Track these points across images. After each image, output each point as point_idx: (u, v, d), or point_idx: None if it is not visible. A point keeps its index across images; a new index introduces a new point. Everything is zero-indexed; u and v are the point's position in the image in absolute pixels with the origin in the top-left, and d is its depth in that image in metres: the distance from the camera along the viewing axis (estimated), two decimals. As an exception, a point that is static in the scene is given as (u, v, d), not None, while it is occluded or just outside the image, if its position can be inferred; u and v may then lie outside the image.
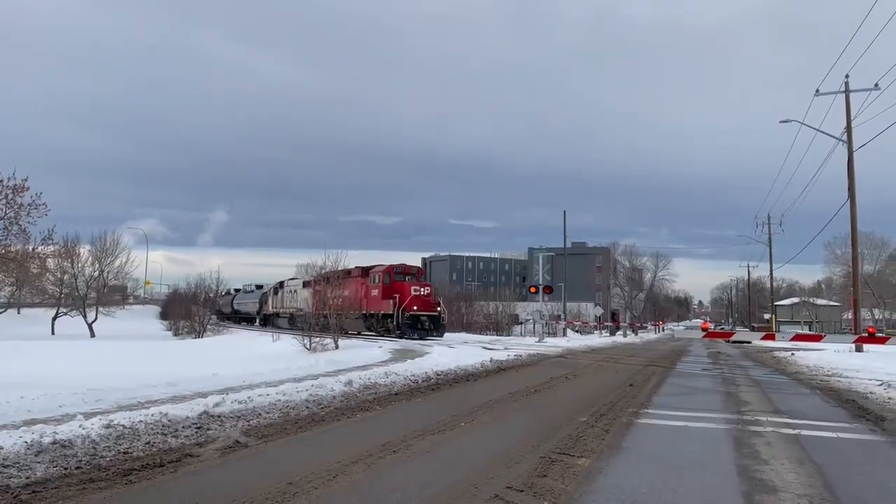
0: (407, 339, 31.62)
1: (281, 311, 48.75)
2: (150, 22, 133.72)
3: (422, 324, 33.57)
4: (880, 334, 16.38)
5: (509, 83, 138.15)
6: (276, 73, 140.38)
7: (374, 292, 36.04)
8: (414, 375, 13.74)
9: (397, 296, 33.93)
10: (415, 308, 33.51)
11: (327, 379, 12.14)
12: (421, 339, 31.67)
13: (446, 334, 37.13)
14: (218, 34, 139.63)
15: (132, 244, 68.74)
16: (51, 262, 50.97)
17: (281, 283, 51.55)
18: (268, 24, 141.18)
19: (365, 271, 37.74)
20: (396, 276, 35.87)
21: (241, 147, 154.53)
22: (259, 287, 66.10)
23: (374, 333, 35.77)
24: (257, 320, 62.92)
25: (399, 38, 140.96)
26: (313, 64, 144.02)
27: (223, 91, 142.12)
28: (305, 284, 40.75)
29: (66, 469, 5.89)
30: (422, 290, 34.79)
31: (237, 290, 73.50)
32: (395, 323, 33.90)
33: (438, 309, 35.21)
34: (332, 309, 29.10)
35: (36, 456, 6.14)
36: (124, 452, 6.52)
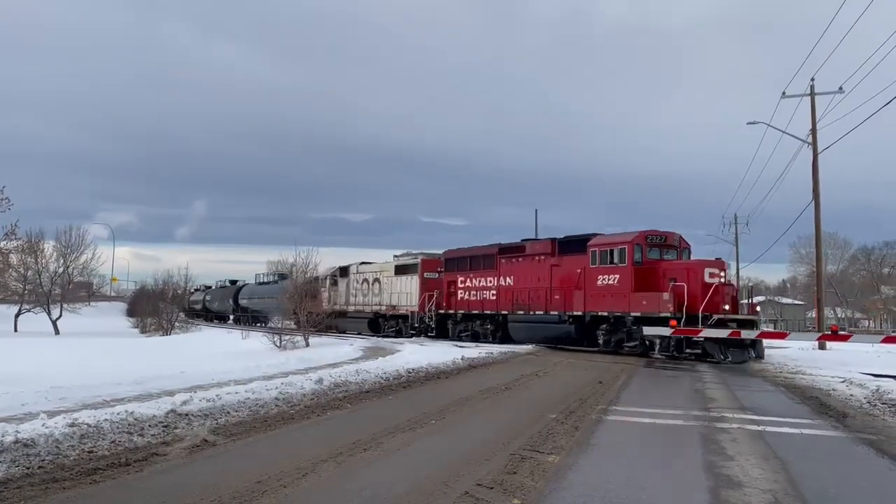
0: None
1: (350, 307, 37.22)
2: (118, 13, 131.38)
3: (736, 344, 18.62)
4: (843, 332, 16.75)
5: (481, 81, 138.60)
6: (246, 68, 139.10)
7: (608, 279, 21.70)
8: (385, 373, 13.70)
9: (685, 285, 19.35)
10: (724, 309, 19.37)
11: (297, 377, 12.06)
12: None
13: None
14: (188, 27, 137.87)
15: (98, 240, 67.36)
16: (13, 258, 49.83)
17: (343, 270, 38.95)
18: (239, 17, 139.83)
19: (573, 244, 23.78)
20: (651, 252, 21.60)
21: (211, 142, 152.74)
22: (233, 282, 62.96)
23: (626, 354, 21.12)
24: (231, 318, 60.17)
25: (372, 35, 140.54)
26: (284, 59, 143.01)
27: (193, 85, 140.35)
28: (404, 270, 33.00)
29: (28, 469, 5.77)
30: (720, 273, 20.16)
31: (207, 287, 71.05)
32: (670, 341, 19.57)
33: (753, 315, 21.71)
34: (523, 305, 23.91)
35: (-3, 456, 6.01)
36: (89, 452, 6.41)
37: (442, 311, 29.86)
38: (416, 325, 31.04)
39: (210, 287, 70.24)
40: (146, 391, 10.76)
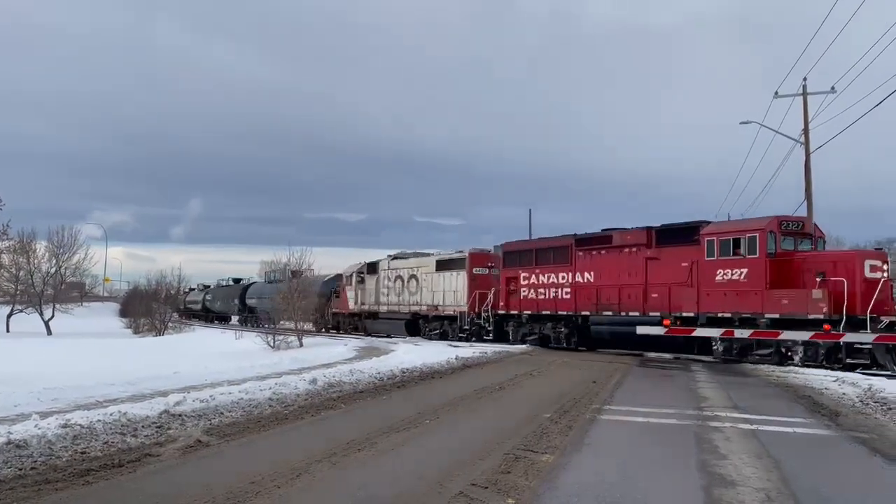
0: None
1: (382, 308, 33.17)
2: (115, 13, 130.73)
3: None
4: (834, 332, 16.81)
5: (474, 81, 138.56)
6: (242, 68, 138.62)
7: (732, 274, 18.27)
8: (379, 373, 13.69)
9: (844, 281, 16.28)
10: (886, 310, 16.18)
11: (291, 377, 12.05)
12: None
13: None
14: (185, 27, 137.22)
15: (91, 240, 67.12)
16: (5, 258, 49.71)
17: (371, 266, 34.78)
18: (235, 17, 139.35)
19: (676, 234, 20.26)
20: (785, 241, 18.41)
21: (206, 142, 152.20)
22: (237, 281, 58.66)
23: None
24: (233, 319, 55.65)
25: (366, 35, 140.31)
26: (280, 59, 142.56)
27: (189, 85, 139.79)
28: (448, 266, 29.35)
29: (20, 470, 5.74)
30: (883, 267, 16.88)
31: (206, 286, 67.45)
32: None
33: None
34: (609, 305, 21.04)
35: (-11, 457, 5.98)
36: (81, 452, 6.39)
37: (502, 312, 25.78)
38: (467, 326, 27.41)
39: (209, 286, 67.10)
40: (139, 392, 10.74)
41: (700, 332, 18.88)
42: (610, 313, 21.51)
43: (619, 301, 21.31)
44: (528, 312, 24.71)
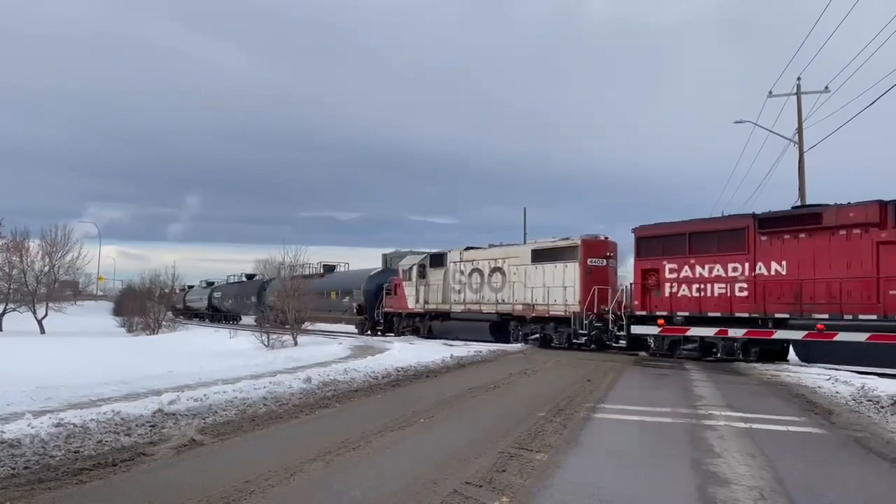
0: None
1: (455, 307, 28.21)
2: (113, 12, 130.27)
3: None
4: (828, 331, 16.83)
5: (468, 80, 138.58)
6: (233, 67, 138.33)
7: None
8: (374, 372, 13.69)
9: None
10: None
11: (286, 376, 12.03)
12: None
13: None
14: (177, 26, 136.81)
15: (85, 239, 66.79)
16: (-2, 257, 49.41)
17: (436, 258, 29.70)
18: (228, 17, 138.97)
19: None
20: None
21: (198, 141, 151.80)
22: (250, 277, 53.31)
23: None
24: (245, 318, 49.67)
25: (358, 34, 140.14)
26: (272, 59, 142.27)
27: (180, 84, 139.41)
28: (550, 256, 24.16)
29: (13, 469, 5.72)
30: None
31: (210, 283, 63.29)
32: None
33: None
34: (820, 304, 16.47)
35: (-19, 456, 5.96)
36: (75, 452, 6.37)
37: (643, 313, 20.50)
38: (584, 331, 22.28)
39: (213, 283, 63.03)
40: (133, 391, 10.71)
41: (694, 331, 18.93)
42: (825, 316, 16.54)
43: (841, 299, 16.39)
44: (684, 314, 19.43)
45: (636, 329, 20.57)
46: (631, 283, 21.76)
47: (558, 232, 25.54)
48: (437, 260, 29.59)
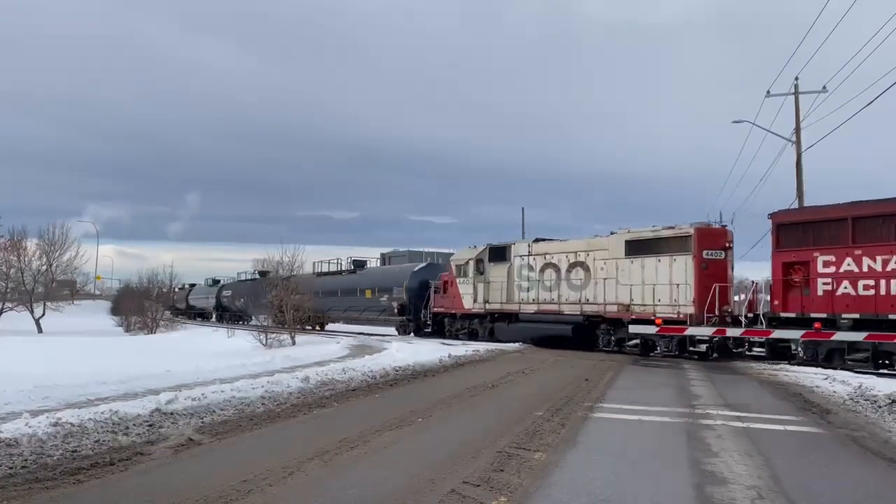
0: None
1: (523, 307, 24.60)
2: (112, 12, 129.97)
3: None
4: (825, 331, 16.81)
5: (467, 80, 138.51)
6: (231, 67, 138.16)
7: None
8: (372, 371, 13.69)
9: None
10: None
11: (283, 375, 12.03)
12: None
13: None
14: (175, 26, 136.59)
15: (82, 238, 66.59)
16: (-5, 256, 49.35)
17: (497, 251, 26.30)
18: (226, 16, 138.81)
19: None
20: None
21: (196, 141, 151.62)
22: (263, 274, 43.07)
23: None
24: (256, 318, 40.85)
25: (355, 33, 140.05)
26: (271, 59, 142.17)
27: (178, 84, 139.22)
28: (651, 248, 20.61)
29: (10, 468, 5.71)
30: None
31: (216, 282, 60.11)
32: None
33: None
34: None
35: (-21, 456, 5.95)
36: (72, 451, 6.36)
37: (789, 314, 17.21)
38: (706, 336, 18.83)
39: (219, 281, 59.92)
40: (131, 390, 10.70)
41: (692, 331, 18.93)
42: None
43: None
44: (852, 316, 15.96)
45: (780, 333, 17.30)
46: (763, 280, 18.40)
47: (558, 232, 25.11)
48: (499, 253, 26.17)
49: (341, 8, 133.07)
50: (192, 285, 67.25)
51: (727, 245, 19.93)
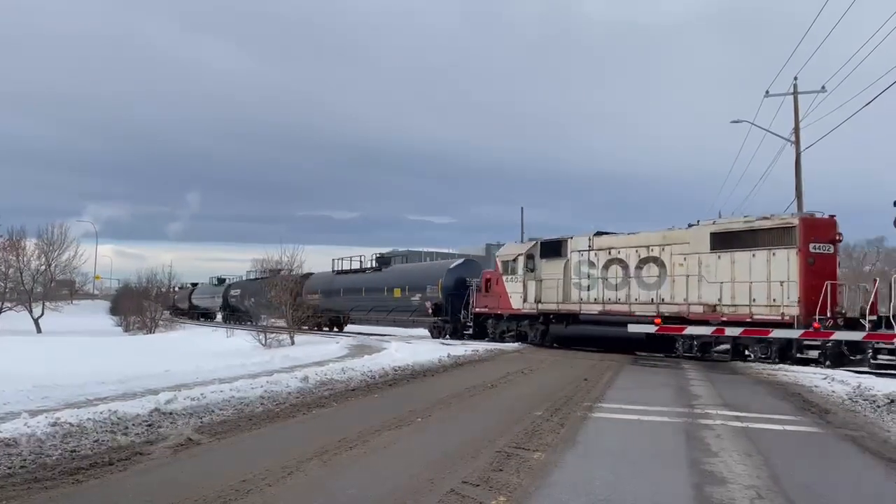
0: None
1: (585, 307, 22.30)
2: (111, 12, 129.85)
3: None
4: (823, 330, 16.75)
5: (466, 80, 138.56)
6: (231, 67, 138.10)
7: None
8: (371, 371, 13.69)
9: None
10: None
11: (283, 375, 12.02)
12: None
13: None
14: (175, 26, 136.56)
15: (81, 238, 66.54)
16: (-6, 256, 49.36)
17: (550, 246, 24.08)
18: (226, 16, 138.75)
19: None
20: None
21: (196, 141, 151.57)
22: (275, 272, 37.47)
23: None
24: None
25: (355, 33, 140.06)
26: (270, 59, 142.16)
27: (178, 84, 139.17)
28: (745, 241, 18.41)
29: (9, 468, 5.71)
30: None
31: (221, 280, 57.92)
32: None
33: None
34: None
35: (-23, 456, 5.94)
36: (71, 451, 6.36)
37: None
38: (818, 341, 16.59)
39: (224, 280, 57.64)
40: (130, 390, 10.69)
41: (691, 330, 18.91)
42: None
43: None
44: None
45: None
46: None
47: (557, 231, 24.51)
48: (552, 249, 24.01)
49: (341, 8, 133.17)
50: (195, 284, 66.72)
51: (836, 237, 17.87)
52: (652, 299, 20.41)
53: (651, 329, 19.59)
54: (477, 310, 26.86)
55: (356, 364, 14.52)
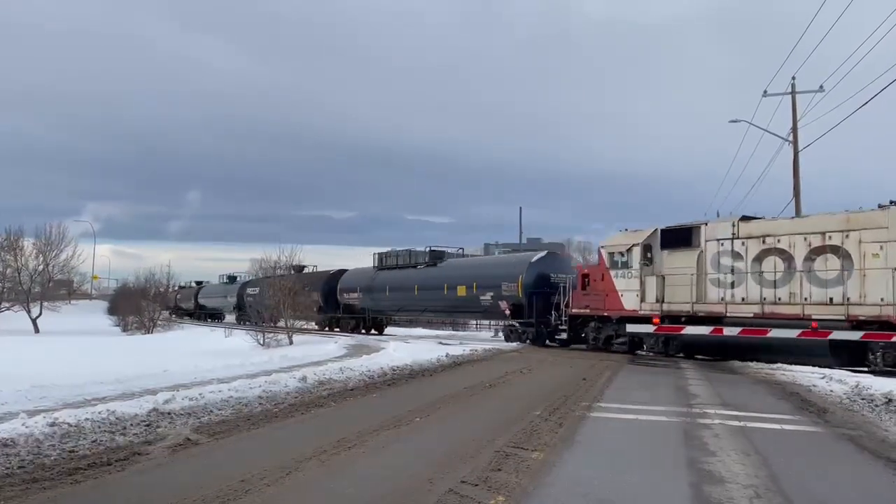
0: None
1: (731, 309, 18.11)
2: (97, 9, 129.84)
3: None
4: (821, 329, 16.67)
5: (464, 80, 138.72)
6: (230, 67, 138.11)
7: None
8: (370, 371, 13.68)
9: None
10: None
11: (281, 375, 12.01)
12: None
13: (402, 329, 29.96)
14: (173, 25, 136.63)
15: (79, 237, 66.38)
16: (-8, 255, 49.27)
17: (676, 235, 19.76)
18: (225, 17, 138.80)
19: None
20: None
21: (194, 140, 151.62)
22: (299, 269, 36.25)
23: None
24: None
25: (354, 33, 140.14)
26: (269, 58, 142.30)
27: (176, 83, 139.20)
28: None
29: (7, 469, 5.70)
30: None
31: (232, 278, 55.56)
32: None
33: None
34: None
35: (-25, 456, 5.93)
36: (70, 451, 6.35)
37: None
38: None
39: (235, 277, 54.75)
40: (128, 390, 10.68)
41: (689, 330, 18.89)
42: None
43: None
44: None
45: None
46: None
47: (556, 231, 23.61)
48: (678, 237, 19.67)
49: (341, 8, 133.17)
50: (200, 283, 65.40)
51: None
52: (831, 299, 16.29)
53: (650, 329, 19.45)
54: (574, 311, 22.64)
55: (354, 364, 14.51)
